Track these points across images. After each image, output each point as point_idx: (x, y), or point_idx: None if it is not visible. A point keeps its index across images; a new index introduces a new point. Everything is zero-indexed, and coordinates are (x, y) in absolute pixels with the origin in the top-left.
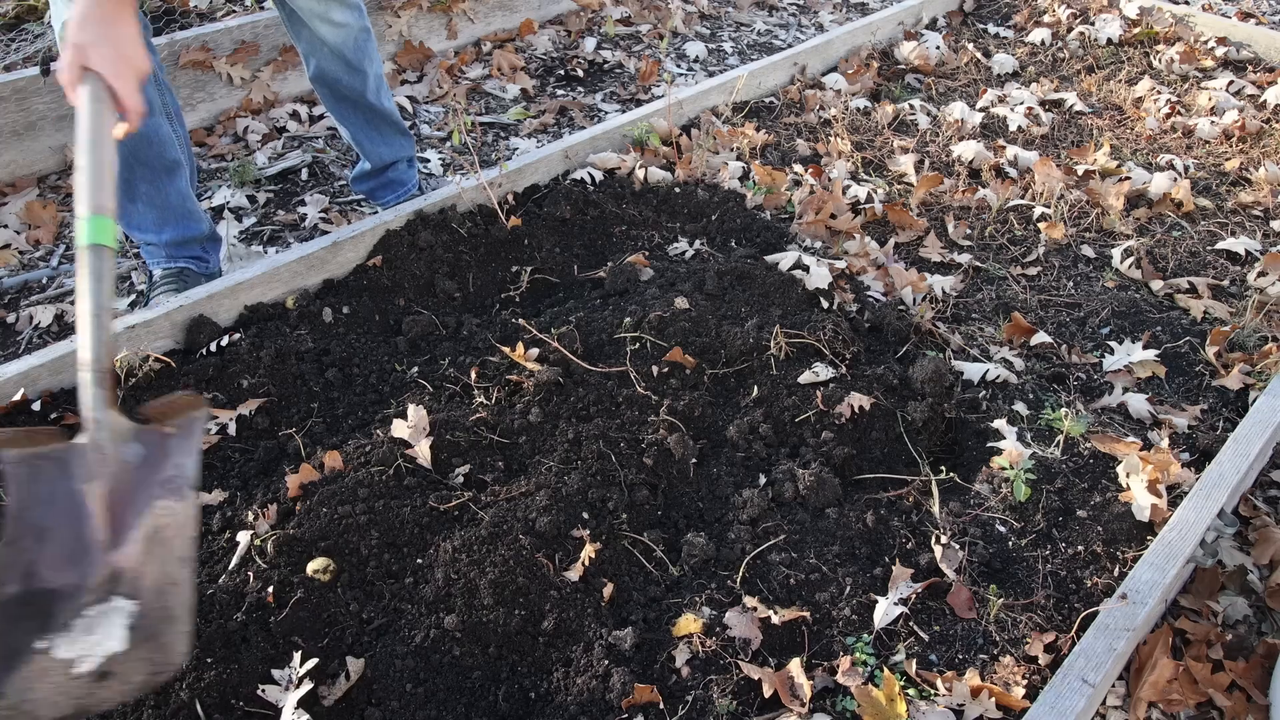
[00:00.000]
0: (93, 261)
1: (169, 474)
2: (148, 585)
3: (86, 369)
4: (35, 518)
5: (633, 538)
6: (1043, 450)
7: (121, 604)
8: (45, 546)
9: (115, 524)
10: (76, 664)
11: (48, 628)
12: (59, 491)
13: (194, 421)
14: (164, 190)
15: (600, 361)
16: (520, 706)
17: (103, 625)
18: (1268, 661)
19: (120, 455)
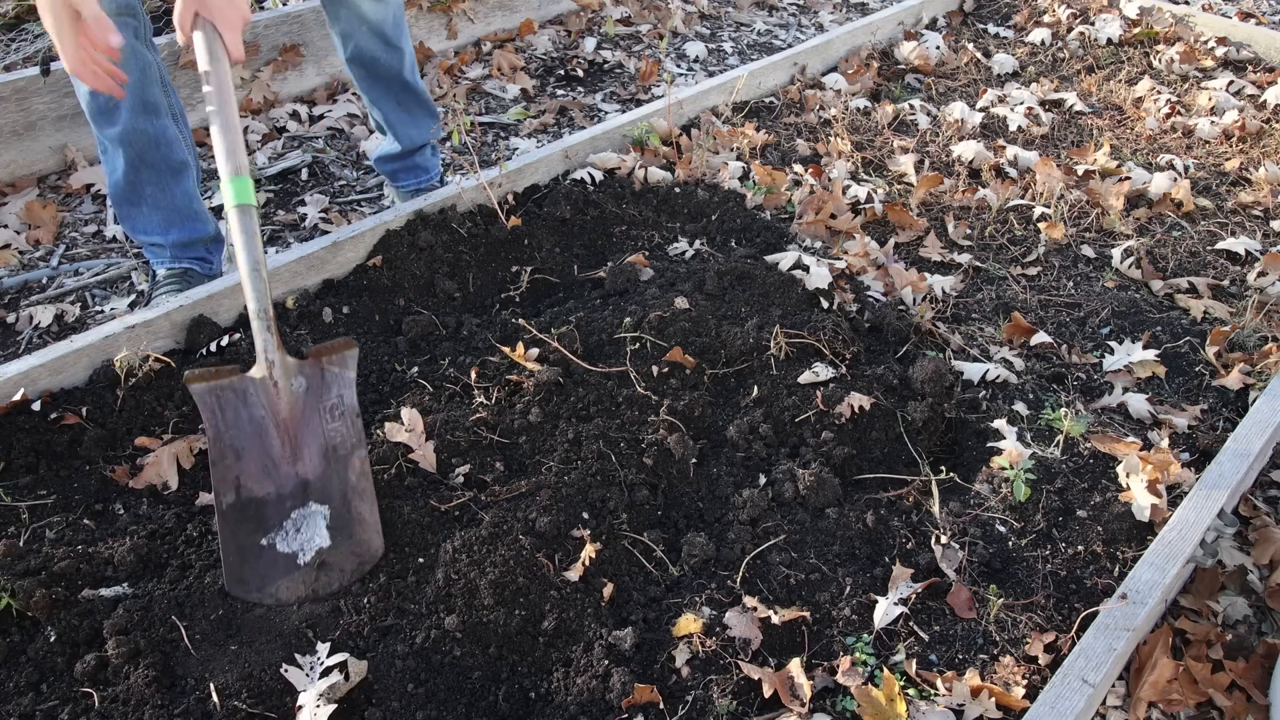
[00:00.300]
0: (242, 220)
1: (332, 403)
2: (335, 492)
3: (257, 318)
4: (231, 439)
5: (633, 538)
6: (1043, 450)
7: (316, 508)
8: (244, 463)
9: (294, 444)
10: (298, 556)
11: (265, 528)
12: (244, 417)
13: (348, 358)
14: (170, 192)
15: (600, 361)
16: (520, 706)
17: (307, 524)
18: (1268, 661)
19: (291, 387)
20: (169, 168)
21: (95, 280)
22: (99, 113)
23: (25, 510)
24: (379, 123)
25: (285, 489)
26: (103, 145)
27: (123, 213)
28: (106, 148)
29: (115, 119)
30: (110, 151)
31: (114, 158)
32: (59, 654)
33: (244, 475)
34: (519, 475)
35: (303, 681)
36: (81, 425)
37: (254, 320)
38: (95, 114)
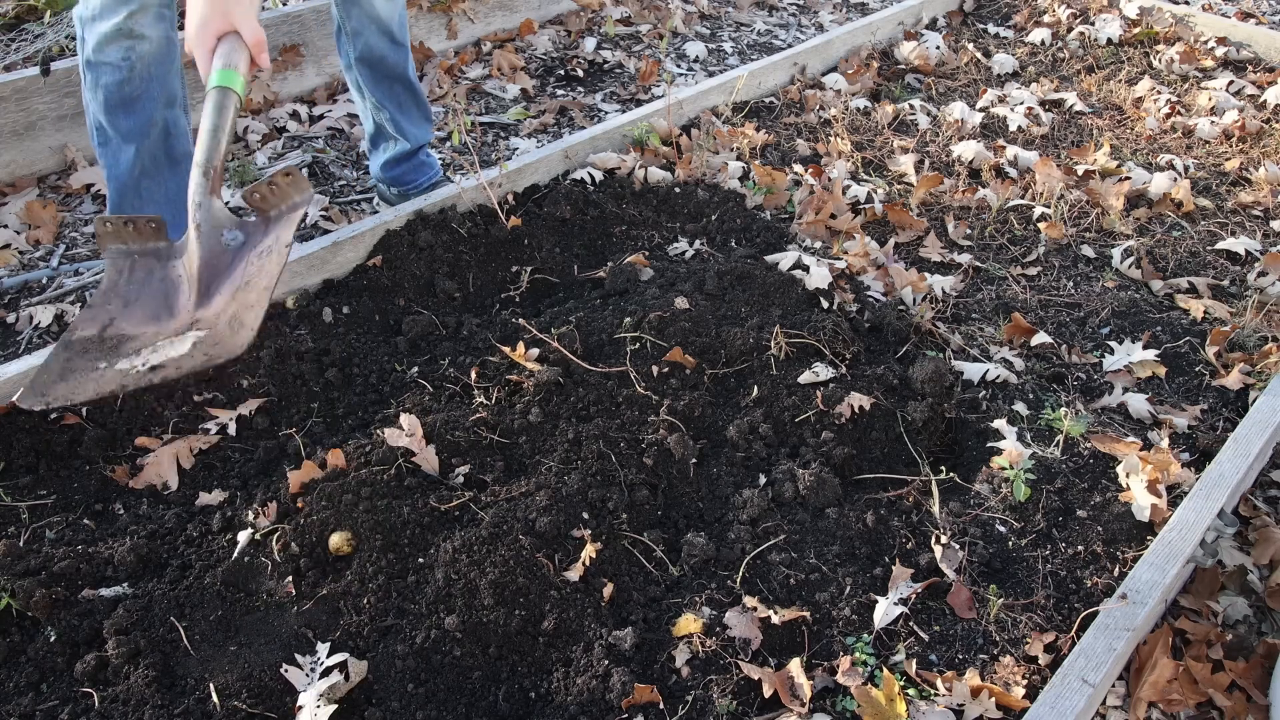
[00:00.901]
0: (218, 98)
1: (267, 245)
2: (223, 318)
3: (197, 167)
4: (125, 292)
5: (633, 538)
6: (1043, 450)
7: (193, 334)
8: (129, 310)
9: (204, 290)
10: (133, 368)
11: (113, 356)
12: (155, 276)
13: (297, 205)
14: (168, 185)
15: (600, 361)
16: (520, 707)
17: (167, 347)
18: (1268, 661)
19: (220, 238)
20: (172, 159)
21: (95, 280)
22: (122, 103)
23: (25, 510)
24: (381, 125)
25: (167, 329)
26: (105, 138)
27: (120, 209)
28: (111, 139)
29: (135, 109)
30: (115, 144)
31: (118, 150)
32: (59, 654)
33: (120, 319)
34: (519, 475)
35: (302, 681)
36: (81, 425)
37: (195, 169)
38: (116, 104)
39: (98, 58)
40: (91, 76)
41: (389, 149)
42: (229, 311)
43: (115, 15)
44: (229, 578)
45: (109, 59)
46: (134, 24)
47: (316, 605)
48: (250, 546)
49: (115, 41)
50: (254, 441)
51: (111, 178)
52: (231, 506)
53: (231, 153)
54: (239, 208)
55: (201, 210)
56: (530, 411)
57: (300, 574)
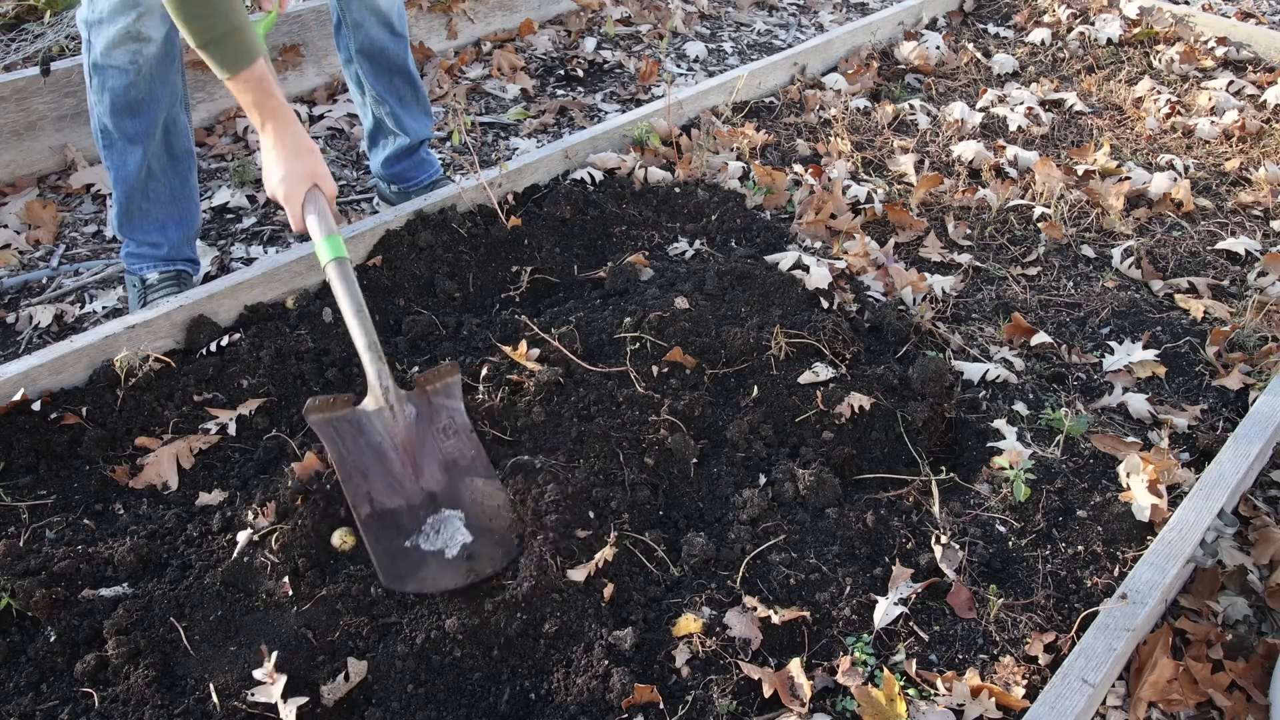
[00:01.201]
0: (341, 270)
1: (444, 424)
2: (464, 498)
3: (369, 350)
4: (354, 462)
5: (634, 538)
6: (1043, 450)
7: (449, 513)
8: (370, 481)
9: (415, 464)
10: (444, 552)
11: (404, 533)
12: (362, 444)
13: (452, 386)
14: (172, 183)
15: (600, 362)
16: (520, 707)
17: (445, 526)
18: (1268, 661)
19: (405, 413)
20: (174, 157)
21: (95, 280)
22: (128, 106)
23: (25, 510)
24: (380, 120)
25: (414, 501)
26: (110, 140)
27: (129, 211)
28: (116, 142)
29: (141, 112)
30: (121, 147)
31: (124, 153)
32: (59, 654)
33: (373, 491)
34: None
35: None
36: (81, 425)
37: (366, 354)
38: (123, 107)
39: (105, 61)
40: (98, 80)
41: (389, 145)
42: (464, 494)
43: (123, 18)
44: (229, 578)
45: (116, 62)
46: (141, 26)
47: (316, 605)
48: (250, 546)
49: (122, 45)
50: (254, 441)
51: (119, 180)
52: (231, 506)
53: (231, 153)
54: (239, 206)
55: (390, 392)
56: (532, 412)
57: (299, 574)
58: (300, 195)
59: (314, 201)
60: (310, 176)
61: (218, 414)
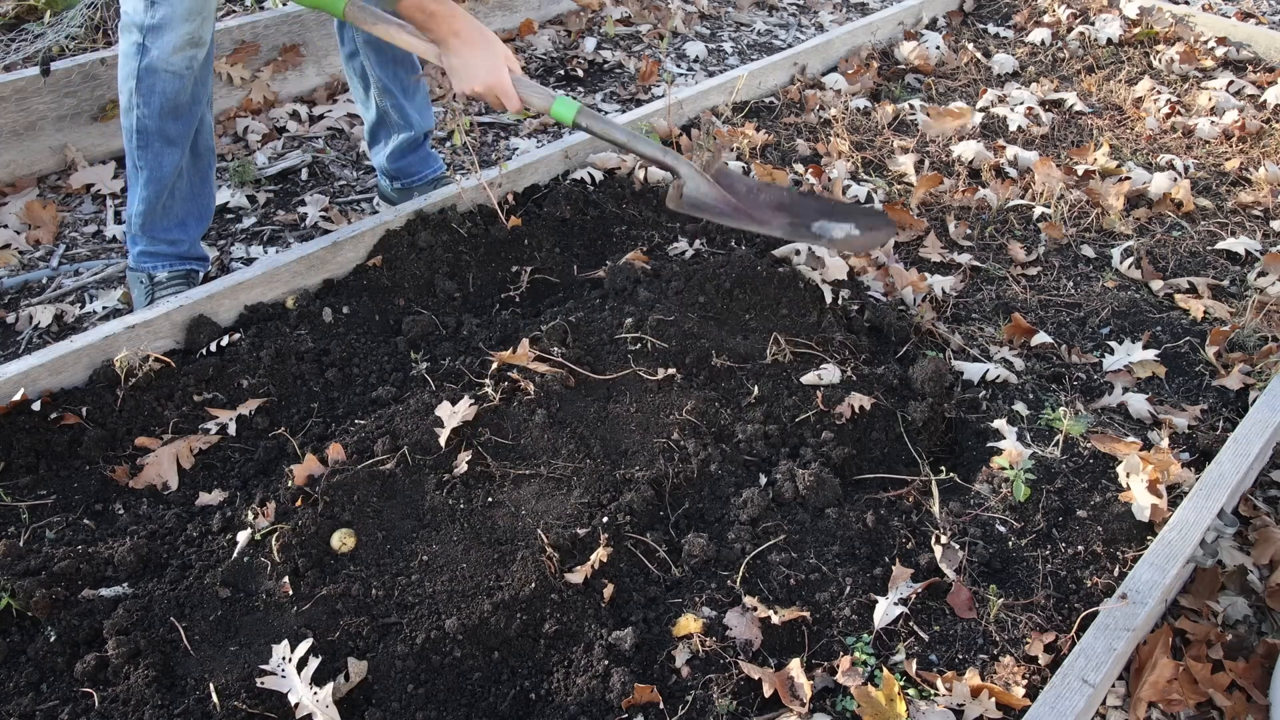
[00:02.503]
0: (589, 117)
1: (744, 186)
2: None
3: (664, 155)
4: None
5: (634, 538)
6: (1043, 450)
7: (818, 223)
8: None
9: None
10: (832, 231)
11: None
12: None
13: (727, 169)
14: (193, 181)
15: (600, 361)
16: (520, 707)
17: (833, 229)
18: (1268, 661)
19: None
20: (199, 154)
21: (95, 280)
22: (176, 109)
23: (25, 510)
24: (385, 112)
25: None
26: (148, 141)
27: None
28: (154, 143)
29: (185, 114)
30: (159, 148)
31: (161, 153)
32: (59, 654)
33: (754, 211)
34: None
35: (285, 684)
36: (81, 425)
37: (666, 156)
38: (171, 110)
39: (163, 66)
40: (147, 84)
41: (392, 139)
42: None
43: (188, 24)
44: (229, 578)
45: (174, 67)
46: (203, 32)
47: (316, 605)
48: (250, 546)
49: (184, 50)
50: (254, 441)
51: (152, 180)
52: (231, 506)
53: (232, 153)
54: (239, 206)
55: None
56: (535, 413)
57: (299, 574)
58: (508, 79)
59: (521, 81)
60: (505, 59)
61: (218, 414)
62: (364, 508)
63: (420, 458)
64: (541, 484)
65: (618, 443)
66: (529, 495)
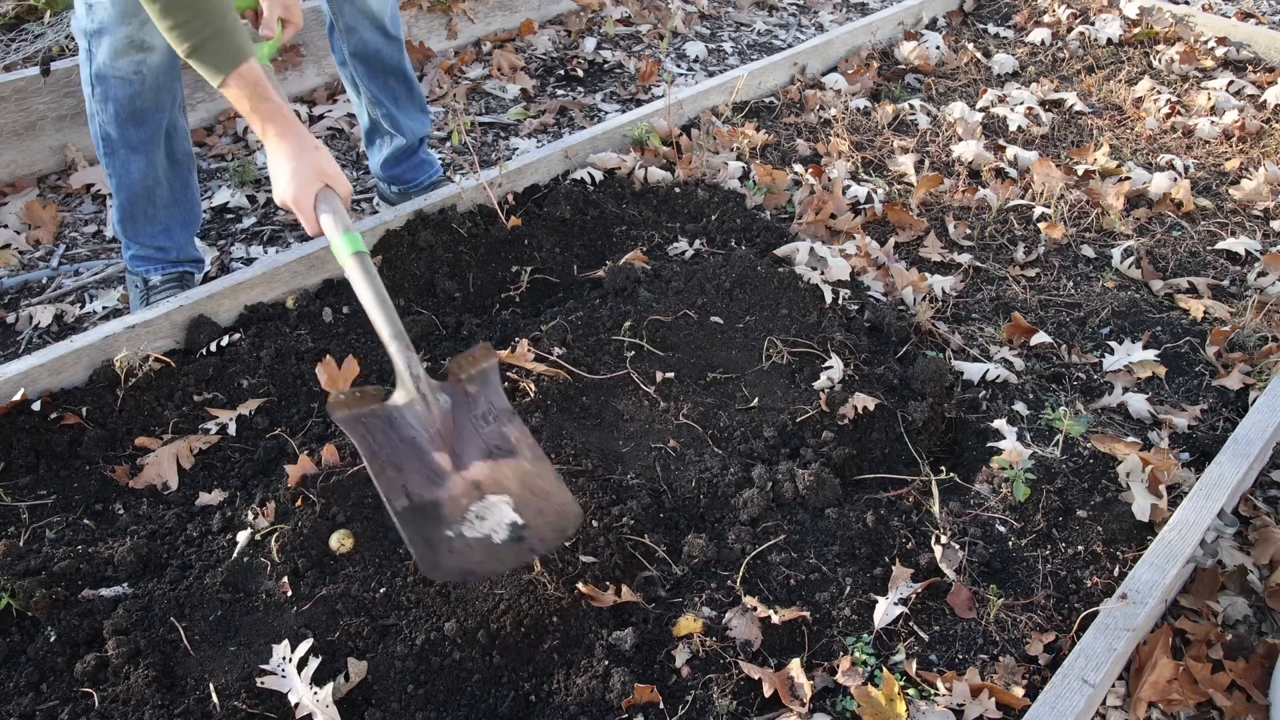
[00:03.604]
0: (361, 264)
1: (482, 411)
2: (510, 483)
3: (395, 340)
4: (387, 456)
5: (634, 539)
6: (1043, 450)
7: (495, 499)
8: (406, 474)
9: (454, 453)
10: (491, 537)
11: (446, 523)
12: (394, 438)
13: (488, 371)
14: (174, 187)
15: (600, 362)
16: (521, 707)
17: (490, 513)
18: (1268, 661)
19: (439, 403)
20: (174, 161)
21: (95, 280)
22: (132, 115)
23: (25, 510)
24: (376, 121)
25: (456, 490)
26: (112, 148)
27: (132, 216)
28: (118, 150)
29: (145, 120)
30: (124, 155)
31: (127, 161)
32: (59, 654)
33: (409, 484)
34: None
35: (283, 685)
36: (81, 425)
37: (393, 344)
38: (127, 117)
39: (109, 71)
40: (100, 89)
41: (385, 145)
42: (507, 477)
43: (125, 27)
44: (228, 578)
45: (120, 72)
46: (145, 35)
47: (316, 605)
48: (250, 546)
49: (126, 54)
50: (254, 441)
51: (121, 187)
52: (231, 506)
53: (231, 153)
54: (239, 206)
55: (421, 381)
56: (533, 414)
57: (299, 574)
58: (310, 196)
59: (326, 201)
60: (319, 175)
61: (218, 414)
62: (361, 508)
63: None
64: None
65: (617, 443)
66: None
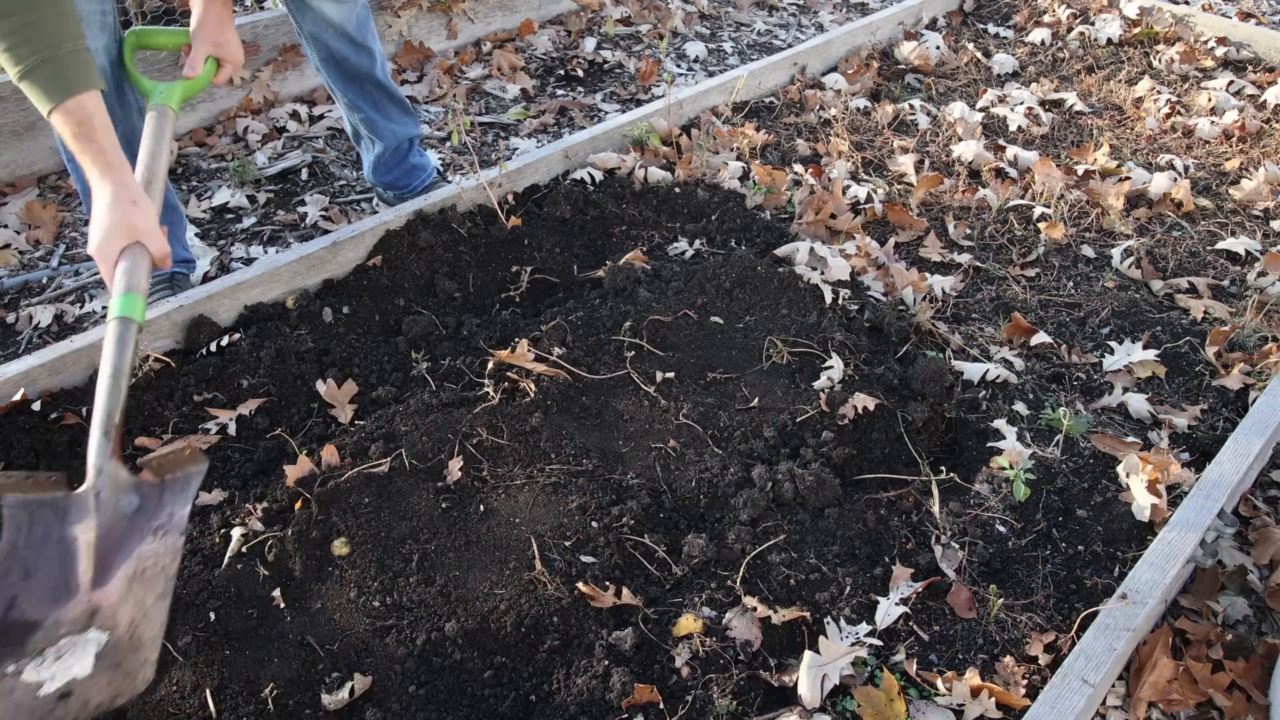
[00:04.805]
0: (120, 331)
1: (160, 521)
2: (123, 619)
3: (98, 425)
4: (25, 558)
5: (634, 540)
6: (1043, 450)
7: (94, 635)
8: (31, 583)
9: (101, 565)
10: (42, 685)
11: (20, 654)
12: (53, 536)
13: (191, 476)
14: None
15: (600, 362)
16: (521, 708)
17: (73, 652)
18: (1268, 661)
19: (118, 504)
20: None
21: (95, 280)
22: None
23: None
24: (357, 127)
25: (67, 615)
26: (73, 161)
27: None
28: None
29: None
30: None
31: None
32: None
33: (23, 597)
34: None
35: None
36: (81, 425)
37: (95, 429)
38: None
39: None
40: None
41: (370, 151)
42: (126, 615)
43: None
44: (226, 580)
45: None
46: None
47: (315, 606)
48: (249, 547)
49: None
50: (254, 441)
51: (86, 195)
52: (231, 506)
53: (231, 153)
54: (239, 206)
55: (102, 476)
56: (533, 414)
57: (299, 574)
58: (114, 251)
59: (129, 256)
60: (129, 232)
61: (218, 414)
62: (359, 508)
63: (417, 463)
64: (541, 484)
65: (617, 443)
66: (528, 496)
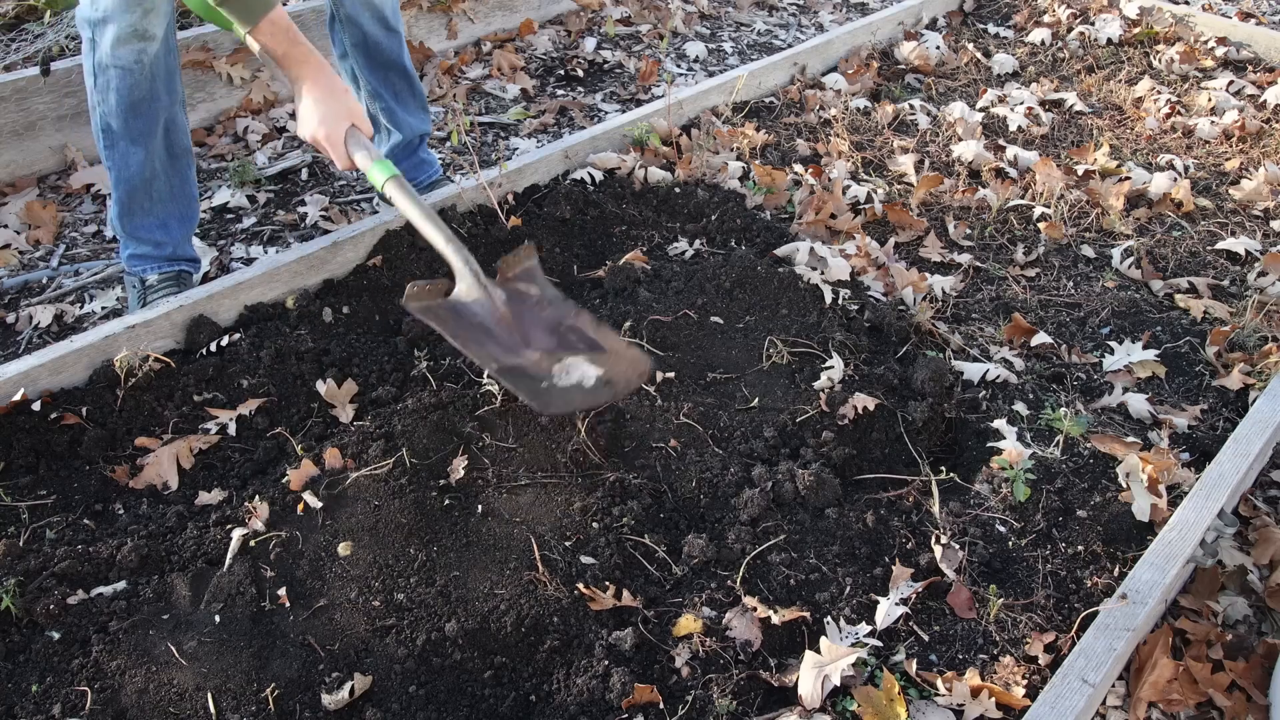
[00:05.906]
0: (399, 184)
1: (535, 299)
2: (580, 344)
3: (448, 245)
4: (466, 336)
5: (634, 539)
6: (1043, 450)
7: (572, 360)
8: (489, 346)
9: (522, 333)
10: (583, 383)
11: (539, 378)
12: (465, 323)
13: (532, 268)
14: (173, 180)
15: None
16: (521, 708)
17: (573, 370)
18: (1268, 661)
19: (498, 295)
20: (173, 155)
21: (95, 280)
22: (132, 106)
23: (25, 510)
24: (376, 116)
25: (533, 358)
26: (112, 140)
27: (130, 210)
28: (119, 142)
29: (144, 111)
30: (124, 147)
31: (127, 153)
32: (58, 654)
33: (495, 351)
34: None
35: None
36: (81, 425)
37: (447, 248)
38: (129, 106)
39: (111, 61)
40: (102, 80)
41: (384, 142)
42: (575, 342)
43: (129, 15)
44: (227, 580)
45: (121, 62)
46: (147, 24)
47: (316, 607)
48: (249, 547)
49: (128, 44)
50: (254, 441)
51: (121, 180)
52: (231, 506)
53: (231, 152)
54: (239, 206)
55: (481, 275)
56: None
57: (299, 575)
58: (341, 133)
59: (354, 137)
60: (348, 115)
61: (217, 414)
62: (359, 508)
63: (417, 462)
64: (541, 484)
65: (618, 442)
66: (528, 495)
